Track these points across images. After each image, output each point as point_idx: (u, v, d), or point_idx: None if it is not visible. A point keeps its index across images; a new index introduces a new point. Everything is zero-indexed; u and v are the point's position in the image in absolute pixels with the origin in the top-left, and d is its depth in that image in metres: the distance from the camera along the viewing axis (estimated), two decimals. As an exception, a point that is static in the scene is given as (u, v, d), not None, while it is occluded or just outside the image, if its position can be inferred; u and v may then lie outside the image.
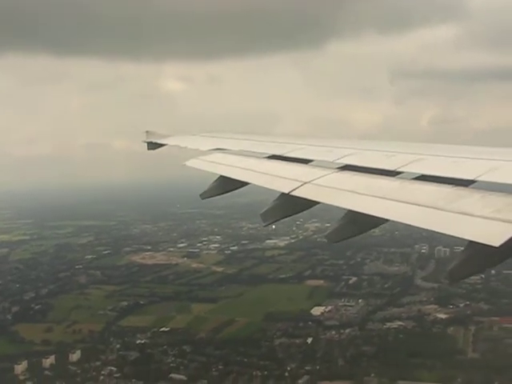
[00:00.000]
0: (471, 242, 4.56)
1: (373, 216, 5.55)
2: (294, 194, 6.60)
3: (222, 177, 8.88)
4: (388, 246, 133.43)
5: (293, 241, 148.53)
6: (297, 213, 7.45)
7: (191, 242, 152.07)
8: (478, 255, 4.72)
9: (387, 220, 5.56)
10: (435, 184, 5.71)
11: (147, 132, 14.45)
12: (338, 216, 6.52)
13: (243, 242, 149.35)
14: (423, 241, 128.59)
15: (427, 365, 67.85)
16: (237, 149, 10.33)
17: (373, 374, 66.78)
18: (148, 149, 13.79)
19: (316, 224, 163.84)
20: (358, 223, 6.25)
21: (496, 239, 3.98)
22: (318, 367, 70.05)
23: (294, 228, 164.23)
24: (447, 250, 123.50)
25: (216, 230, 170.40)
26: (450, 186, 5.50)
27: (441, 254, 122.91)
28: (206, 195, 9.37)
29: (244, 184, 8.38)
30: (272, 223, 7.48)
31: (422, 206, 5.12)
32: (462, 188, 5.37)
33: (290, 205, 7.04)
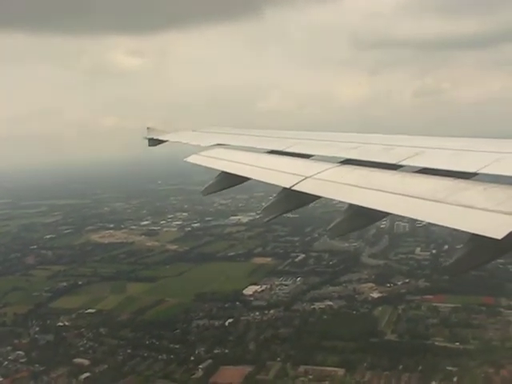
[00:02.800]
0: (473, 234, 4.43)
1: (374, 210, 5.46)
2: (295, 188, 6.50)
3: (223, 172, 8.72)
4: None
5: (258, 217, 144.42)
6: (299, 207, 7.35)
7: (156, 219, 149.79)
8: (481, 248, 4.64)
9: (389, 213, 5.44)
10: (437, 177, 5.63)
11: (148, 128, 14.22)
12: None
13: (207, 218, 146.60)
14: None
15: (338, 348, 64.60)
16: (237, 144, 10.24)
17: (278, 359, 63.83)
18: (149, 145, 13.70)
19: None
20: (359, 217, 6.10)
21: (498, 232, 3.94)
22: (226, 351, 67.27)
23: (264, 203, 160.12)
24: (406, 224, 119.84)
25: (186, 206, 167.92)
26: (452, 178, 5.43)
27: (400, 229, 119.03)
28: (207, 191, 9.26)
29: (245, 179, 8.28)
30: (274, 218, 7.25)
31: (424, 199, 5.04)
32: (463, 181, 5.31)
33: (292, 199, 6.91)
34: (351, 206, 5.99)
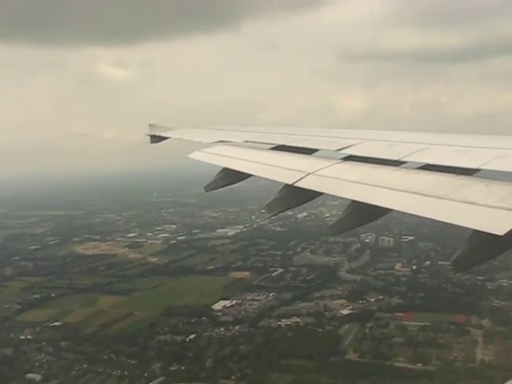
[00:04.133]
0: (475, 231, 4.41)
1: (376, 206, 5.43)
2: (297, 185, 6.50)
3: (225, 169, 8.75)
4: (336, 236, 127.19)
5: (245, 230, 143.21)
6: (301, 204, 7.26)
7: (144, 231, 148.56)
8: (482, 245, 4.64)
9: (391, 210, 5.40)
10: (439, 173, 5.61)
11: (150, 125, 14.09)
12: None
13: (194, 231, 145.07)
14: (375, 229, 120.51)
15: (295, 367, 62.43)
16: (240, 141, 10.20)
17: (233, 377, 61.85)
18: (151, 142, 13.53)
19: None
20: (361, 213, 6.09)
21: (500, 228, 3.95)
22: (182, 368, 65.41)
23: (253, 216, 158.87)
24: (391, 239, 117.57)
25: (176, 218, 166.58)
26: (454, 175, 5.40)
27: (384, 244, 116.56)
28: (209, 187, 9.22)
29: (247, 176, 8.23)
30: (276, 214, 7.23)
31: (426, 195, 5.05)
32: (465, 177, 5.30)
33: (294, 196, 6.85)
34: (353, 202, 5.93)
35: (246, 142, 9.98)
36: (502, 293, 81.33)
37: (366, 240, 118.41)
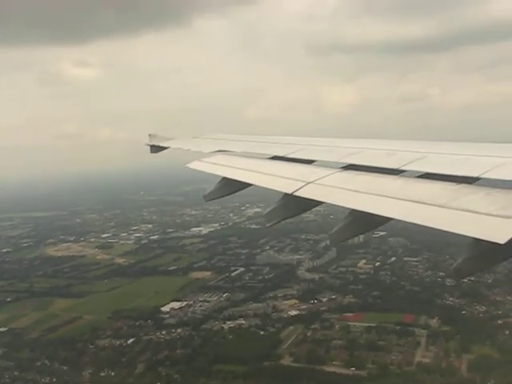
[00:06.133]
0: (476, 239, 4.41)
1: (376, 215, 5.42)
2: (297, 194, 6.49)
3: (224, 178, 8.71)
4: (309, 233, 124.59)
5: (219, 228, 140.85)
6: (300, 213, 7.26)
7: (119, 231, 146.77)
8: (483, 253, 4.63)
9: (391, 219, 5.37)
10: (439, 182, 5.60)
11: (150, 135, 14.21)
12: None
13: (169, 230, 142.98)
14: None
15: (224, 372, 59.94)
16: (239, 150, 10.23)
17: (158, 383, 59.58)
18: (151, 152, 13.77)
19: (256, 210, 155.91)
20: (361, 222, 6.04)
21: (501, 236, 3.95)
22: (113, 373, 63.26)
23: (231, 214, 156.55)
24: (361, 236, 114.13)
25: (155, 218, 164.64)
26: (455, 183, 5.42)
27: (353, 240, 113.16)
28: (209, 197, 9.14)
29: (247, 185, 8.25)
30: (275, 224, 7.03)
31: (426, 204, 5.03)
32: (466, 185, 5.31)
33: (294, 205, 6.87)
34: (353, 211, 5.87)
35: (246, 151, 9.86)
36: (460, 290, 77.93)
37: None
